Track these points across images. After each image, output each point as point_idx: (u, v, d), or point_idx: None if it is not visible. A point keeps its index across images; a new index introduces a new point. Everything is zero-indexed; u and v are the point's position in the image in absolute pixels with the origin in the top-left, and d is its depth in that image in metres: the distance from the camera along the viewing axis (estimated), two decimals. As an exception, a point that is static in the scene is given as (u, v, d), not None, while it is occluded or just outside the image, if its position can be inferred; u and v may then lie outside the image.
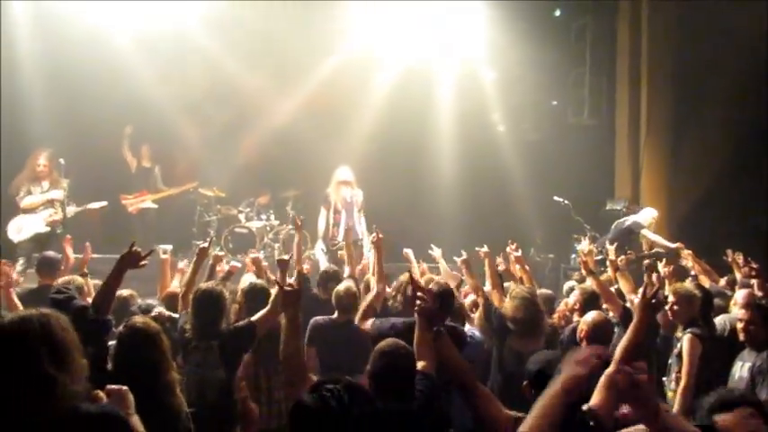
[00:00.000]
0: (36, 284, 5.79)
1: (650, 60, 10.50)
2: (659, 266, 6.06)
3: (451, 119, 11.10)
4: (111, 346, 3.37)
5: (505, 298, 4.72)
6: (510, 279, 5.62)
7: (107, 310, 3.45)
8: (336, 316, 4.78)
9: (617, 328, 4.57)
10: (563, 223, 9.73)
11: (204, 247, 4.80)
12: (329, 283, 5.25)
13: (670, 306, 4.63)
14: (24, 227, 7.56)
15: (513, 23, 10.42)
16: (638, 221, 8.45)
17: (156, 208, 9.59)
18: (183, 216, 9.96)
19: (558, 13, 11.09)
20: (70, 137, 8.83)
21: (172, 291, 5.13)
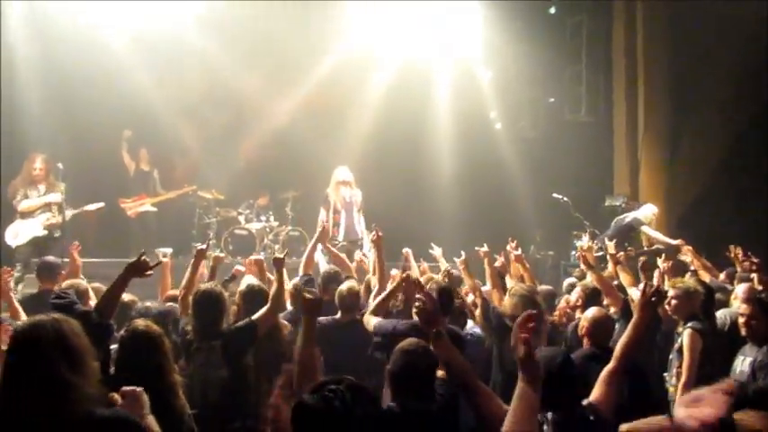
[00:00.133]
0: (35, 289, 5.81)
1: (646, 56, 10.52)
2: (659, 262, 6.08)
3: (449, 118, 11.10)
4: (113, 350, 3.39)
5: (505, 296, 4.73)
6: (506, 273, 5.62)
7: (110, 315, 3.47)
8: (340, 316, 4.78)
9: (618, 322, 4.58)
10: (562, 220, 9.73)
11: (202, 249, 4.80)
12: (330, 284, 5.24)
13: (669, 301, 4.64)
14: (21, 231, 7.53)
15: (509, 22, 10.44)
16: (638, 218, 8.46)
17: (156, 211, 9.58)
18: (183, 219, 9.96)
19: (553, 11, 11.10)
20: (68, 141, 8.83)
21: (172, 293, 5.13)
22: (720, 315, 4.92)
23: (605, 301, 4.93)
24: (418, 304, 3.39)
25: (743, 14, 9.11)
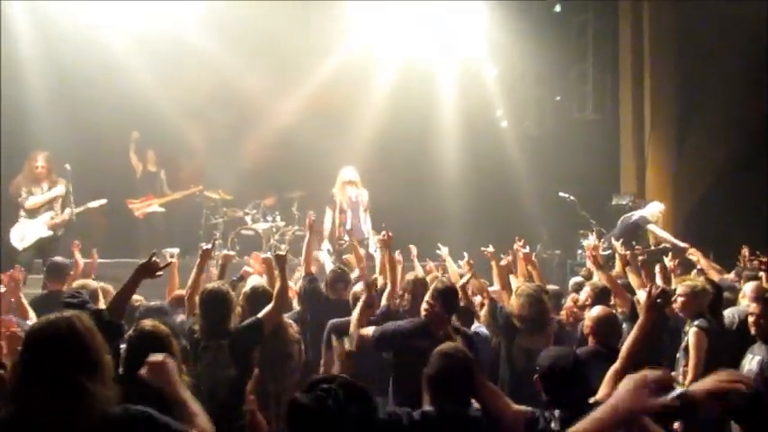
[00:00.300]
0: (40, 289, 5.84)
1: (653, 55, 10.48)
2: (665, 260, 6.07)
3: (455, 117, 11.09)
4: (122, 349, 3.40)
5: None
6: (512, 273, 5.61)
7: (121, 315, 3.51)
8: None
9: (626, 323, 4.57)
10: (569, 219, 9.71)
11: (207, 249, 4.81)
12: (337, 283, 5.26)
13: (675, 298, 4.63)
14: (27, 234, 7.52)
15: (514, 20, 10.42)
16: (645, 216, 8.43)
17: (163, 212, 9.62)
18: (190, 219, 9.99)
19: (559, 9, 11.07)
20: (75, 142, 8.86)
21: (179, 293, 5.15)
22: (728, 314, 4.89)
23: (613, 301, 4.92)
24: (427, 308, 3.42)
25: (750, 14, 9.08)
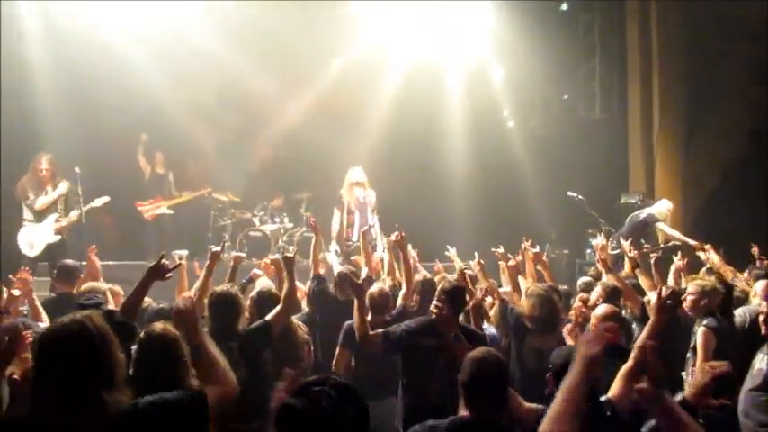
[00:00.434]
0: (47, 292, 5.88)
1: (661, 53, 10.42)
2: (674, 258, 6.05)
3: (461, 117, 11.09)
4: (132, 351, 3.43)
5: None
6: (521, 273, 5.61)
7: (134, 317, 3.57)
8: (371, 318, 4.79)
9: (635, 324, 4.56)
10: (577, 219, 9.69)
11: (217, 251, 4.82)
12: (346, 284, 5.26)
13: (684, 297, 4.62)
14: (36, 241, 7.53)
15: (521, 19, 10.39)
16: (653, 214, 8.39)
17: (172, 214, 9.66)
18: (198, 221, 10.03)
19: (565, 8, 11.04)
20: (84, 145, 8.91)
21: (187, 295, 5.16)
22: (739, 313, 4.88)
23: (622, 302, 4.91)
24: (436, 310, 3.43)
25: (753, 14, 9.04)
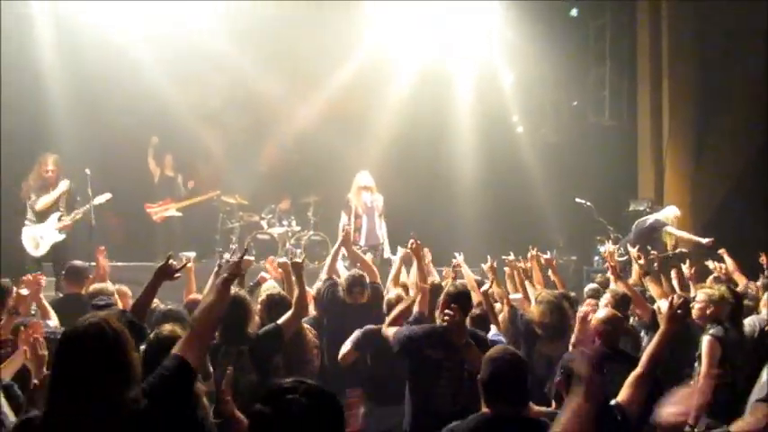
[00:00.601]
0: (53, 292, 5.89)
1: (671, 59, 10.40)
2: (683, 268, 6.02)
3: (470, 121, 11.09)
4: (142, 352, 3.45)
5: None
6: (528, 279, 5.60)
7: (143, 318, 3.58)
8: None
9: (644, 332, 4.54)
10: (585, 225, 9.66)
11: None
12: (354, 287, 5.26)
13: (692, 306, 4.60)
14: (41, 241, 7.56)
15: (531, 24, 10.40)
16: (660, 219, 8.37)
17: (180, 216, 9.69)
18: (206, 223, 10.04)
19: (575, 13, 11.03)
20: (93, 147, 8.95)
21: (195, 297, 5.18)
22: (749, 322, 4.85)
23: (631, 310, 4.89)
24: (447, 318, 3.43)
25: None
